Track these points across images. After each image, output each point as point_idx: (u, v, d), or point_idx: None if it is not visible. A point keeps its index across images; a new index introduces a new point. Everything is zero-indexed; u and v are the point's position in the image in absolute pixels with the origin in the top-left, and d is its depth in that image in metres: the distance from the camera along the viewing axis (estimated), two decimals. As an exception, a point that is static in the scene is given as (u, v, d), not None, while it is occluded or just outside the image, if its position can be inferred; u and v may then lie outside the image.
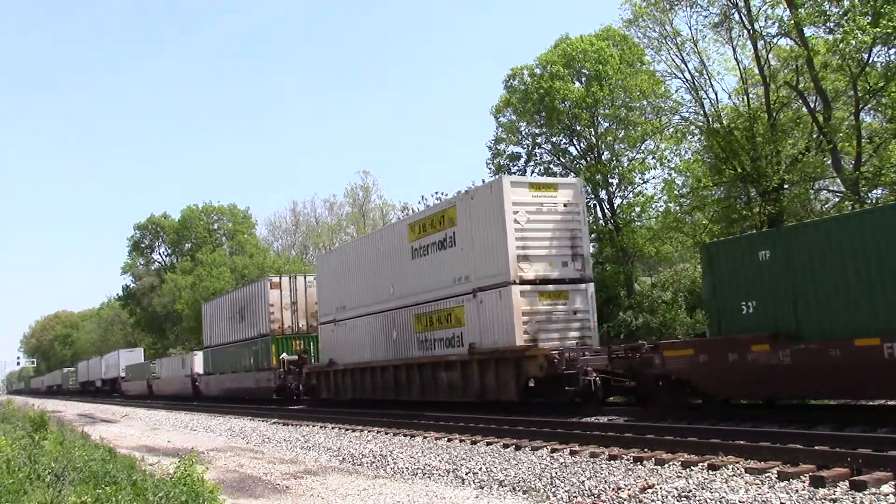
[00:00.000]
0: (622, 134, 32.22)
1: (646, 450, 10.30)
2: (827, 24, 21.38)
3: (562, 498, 8.32)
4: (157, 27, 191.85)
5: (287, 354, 28.86)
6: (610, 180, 32.58)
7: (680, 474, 8.75)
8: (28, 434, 13.28)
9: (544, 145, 35.50)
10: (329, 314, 26.01)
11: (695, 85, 27.22)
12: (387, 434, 15.85)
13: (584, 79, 33.65)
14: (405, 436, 15.16)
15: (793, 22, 22.23)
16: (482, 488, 9.26)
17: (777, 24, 23.55)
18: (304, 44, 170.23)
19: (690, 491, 7.77)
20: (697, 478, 8.44)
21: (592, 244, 28.20)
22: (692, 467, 8.97)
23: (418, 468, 10.96)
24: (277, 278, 31.02)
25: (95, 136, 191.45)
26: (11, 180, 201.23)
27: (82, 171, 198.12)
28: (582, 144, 34.24)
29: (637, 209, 32.13)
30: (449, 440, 13.75)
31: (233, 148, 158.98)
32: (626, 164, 32.31)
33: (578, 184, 19.24)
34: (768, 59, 24.75)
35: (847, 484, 7.39)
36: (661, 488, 8.02)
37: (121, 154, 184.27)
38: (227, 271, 58.99)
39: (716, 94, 28.90)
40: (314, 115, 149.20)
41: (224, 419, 25.71)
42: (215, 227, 74.58)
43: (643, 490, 8.02)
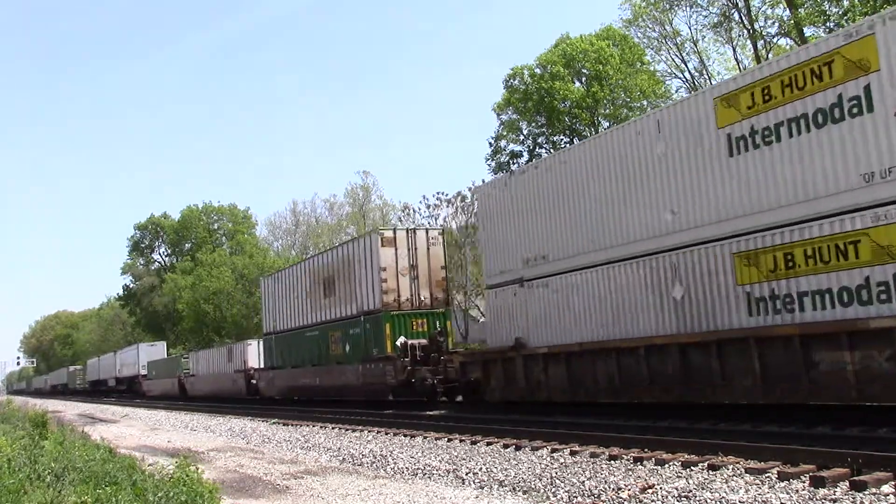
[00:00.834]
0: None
1: (646, 450, 10.30)
2: (827, 24, 21.44)
3: (562, 498, 8.32)
4: (157, 27, 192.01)
5: (406, 338, 21.86)
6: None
7: (680, 474, 8.75)
8: (28, 434, 13.28)
9: (545, 145, 35.56)
10: (508, 271, 17.00)
11: (695, 85, 27.27)
12: (387, 434, 15.84)
13: (584, 79, 33.71)
14: (405, 436, 15.16)
15: (793, 22, 22.29)
16: (482, 488, 9.26)
17: (777, 24, 23.68)
18: (304, 44, 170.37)
19: (690, 491, 7.76)
20: (697, 478, 8.44)
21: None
22: (692, 467, 8.97)
23: (418, 468, 10.96)
24: (391, 232, 22.81)
25: (95, 136, 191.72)
26: (11, 180, 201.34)
27: (82, 171, 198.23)
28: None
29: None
30: (449, 440, 13.75)
31: (233, 148, 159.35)
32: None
33: None
34: (768, 58, 24.78)
35: (847, 484, 7.39)
36: (661, 488, 8.02)
37: (121, 154, 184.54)
38: (227, 271, 59.00)
39: (716, 93, 28.78)
40: (314, 115, 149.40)
41: (224, 419, 25.71)
42: (215, 227, 74.70)
43: (643, 490, 8.02)
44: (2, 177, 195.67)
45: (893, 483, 7.29)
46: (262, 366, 32.56)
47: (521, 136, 36.66)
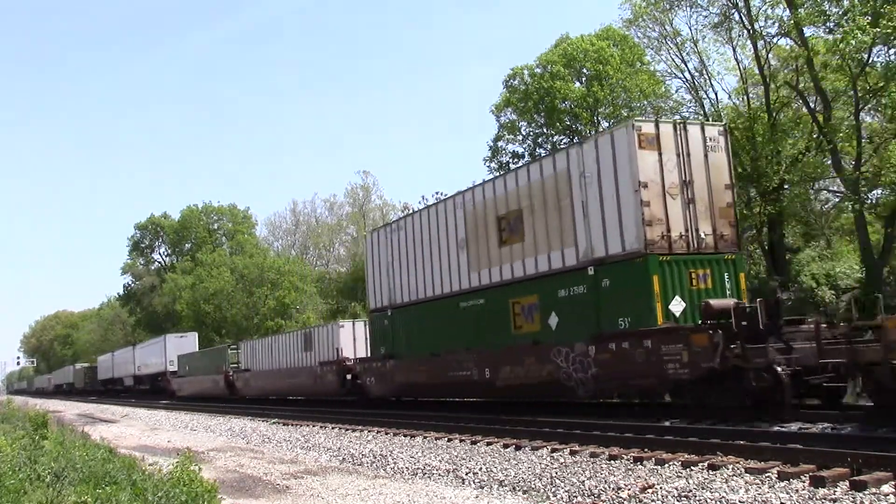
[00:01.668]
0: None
1: (646, 450, 10.30)
2: (827, 24, 21.42)
3: (562, 498, 8.32)
4: (156, 27, 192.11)
5: (681, 300, 13.53)
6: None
7: (680, 474, 8.75)
8: (28, 434, 13.28)
9: (545, 145, 35.55)
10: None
11: (695, 85, 27.28)
12: (387, 434, 15.84)
13: (584, 79, 33.71)
14: (405, 436, 15.16)
15: (793, 22, 22.27)
16: (482, 488, 9.26)
17: (777, 24, 23.65)
18: (304, 43, 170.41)
19: (690, 491, 7.76)
20: (697, 478, 8.44)
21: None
22: (692, 467, 8.97)
23: (418, 468, 10.96)
24: (652, 126, 14.18)
25: (95, 136, 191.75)
26: (11, 180, 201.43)
27: (82, 171, 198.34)
28: (582, 144, 34.25)
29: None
30: (449, 440, 13.75)
31: (233, 148, 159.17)
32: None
33: None
34: (768, 59, 24.80)
35: (847, 484, 7.39)
36: (661, 488, 8.02)
37: (121, 154, 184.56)
38: (227, 271, 58.99)
39: (716, 94, 28.94)
40: (314, 114, 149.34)
41: (224, 419, 25.71)
42: (215, 227, 74.69)
43: (643, 490, 8.02)
44: (2, 177, 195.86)
45: (893, 483, 7.30)
46: (367, 355, 24.04)
47: (521, 137, 36.70)
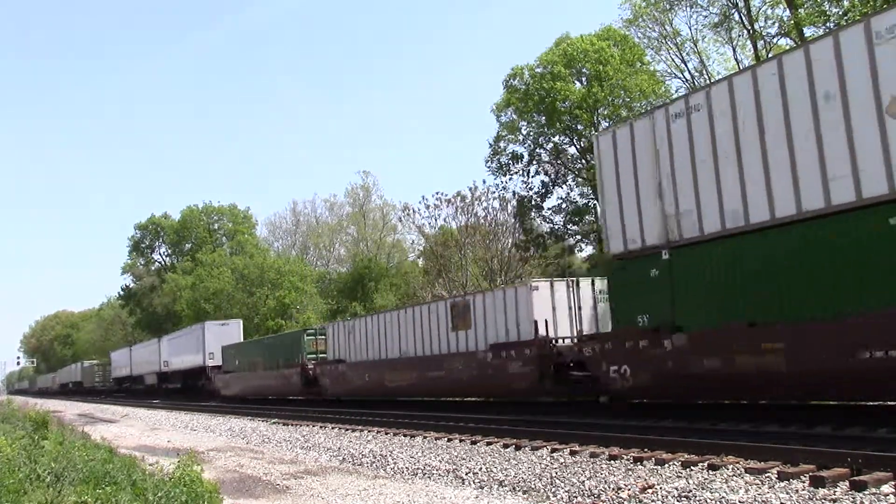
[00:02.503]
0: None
1: (646, 450, 10.30)
2: (827, 24, 21.43)
3: (562, 498, 8.32)
4: (156, 26, 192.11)
5: None
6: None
7: (680, 474, 8.75)
8: (28, 434, 13.27)
9: (545, 145, 35.58)
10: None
11: (695, 85, 27.28)
12: (387, 434, 15.85)
13: (584, 79, 33.72)
14: (405, 436, 15.16)
15: (793, 22, 22.30)
16: (482, 488, 9.26)
17: (777, 24, 23.68)
18: (304, 43, 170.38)
19: (690, 491, 7.76)
20: (697, 478, 8.44)
21: (591, 245, 28.11)
22: (692, 467, 8.97)
23: (418, 468, 10.96)
24: None
25: (95, 136, 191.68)
26: (11, 180, 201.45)
27: (83, 171, 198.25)
28: (582, 144, 34.26)
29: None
30: (449, 440, 13.75)
31: (233, 148, 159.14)
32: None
33: None
34: (768, 58, 24.77)
35: (847, 484, 7.39)
36: (661, 488, 8.02)
37: (121, 154, 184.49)
38: (228, 271, 59.00)
39: (716, 94, 28.81)
40: (314, 115, 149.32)
41: (224, 419, 25.71)
42: (215, 227, 74.74)
43: (643, 490, 8.02)
44: (2, 176, 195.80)
45: (893, 483, 7.29)
46: (597, 329, 16.66)
47: (521, 137, 36.70)
